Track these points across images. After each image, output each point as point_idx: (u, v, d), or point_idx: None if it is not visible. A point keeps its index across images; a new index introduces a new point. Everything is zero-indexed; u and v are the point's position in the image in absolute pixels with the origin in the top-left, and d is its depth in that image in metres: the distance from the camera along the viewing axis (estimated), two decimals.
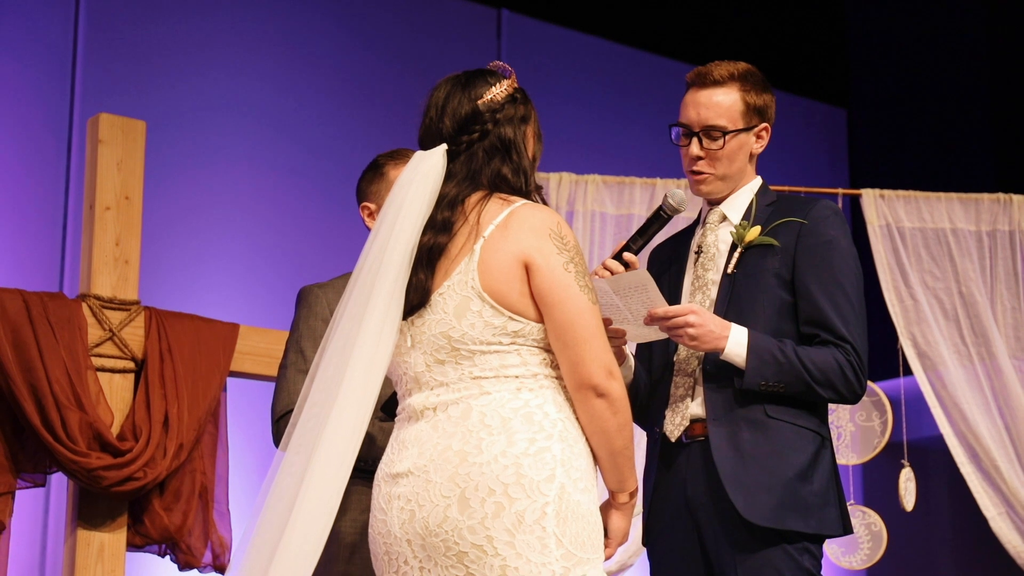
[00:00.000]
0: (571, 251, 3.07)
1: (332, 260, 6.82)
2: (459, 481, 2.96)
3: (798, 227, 3.66)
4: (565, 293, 3.03)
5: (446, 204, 3.12)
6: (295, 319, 4.04)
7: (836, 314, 3.59)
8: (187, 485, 5.06)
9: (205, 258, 6.76)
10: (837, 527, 3.61)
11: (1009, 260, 6.06)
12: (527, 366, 3.05)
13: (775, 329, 3.61)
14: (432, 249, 3.09)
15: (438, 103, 3.21)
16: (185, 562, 5.10)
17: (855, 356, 3.58)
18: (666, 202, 3.70)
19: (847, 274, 3.64)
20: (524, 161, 3.19)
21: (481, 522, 2.93)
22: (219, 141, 6.93)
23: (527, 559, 2.91)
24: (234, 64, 7.05)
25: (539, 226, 3.06)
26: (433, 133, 3.20)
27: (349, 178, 7.28)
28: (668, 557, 3.70)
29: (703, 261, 3.75)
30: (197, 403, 5.05)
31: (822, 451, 3.62)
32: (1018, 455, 5.92)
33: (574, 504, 2.96)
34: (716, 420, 3.59)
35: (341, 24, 7.54)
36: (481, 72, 3.24)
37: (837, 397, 3.59)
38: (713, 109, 3.73)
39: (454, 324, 3.05)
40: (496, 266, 3.04)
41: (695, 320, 3.52)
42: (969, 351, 5.97)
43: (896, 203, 6.02)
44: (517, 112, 3.20)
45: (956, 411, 5.93)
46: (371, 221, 4.13)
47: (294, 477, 3.04)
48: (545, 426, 3.00)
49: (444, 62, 7.82)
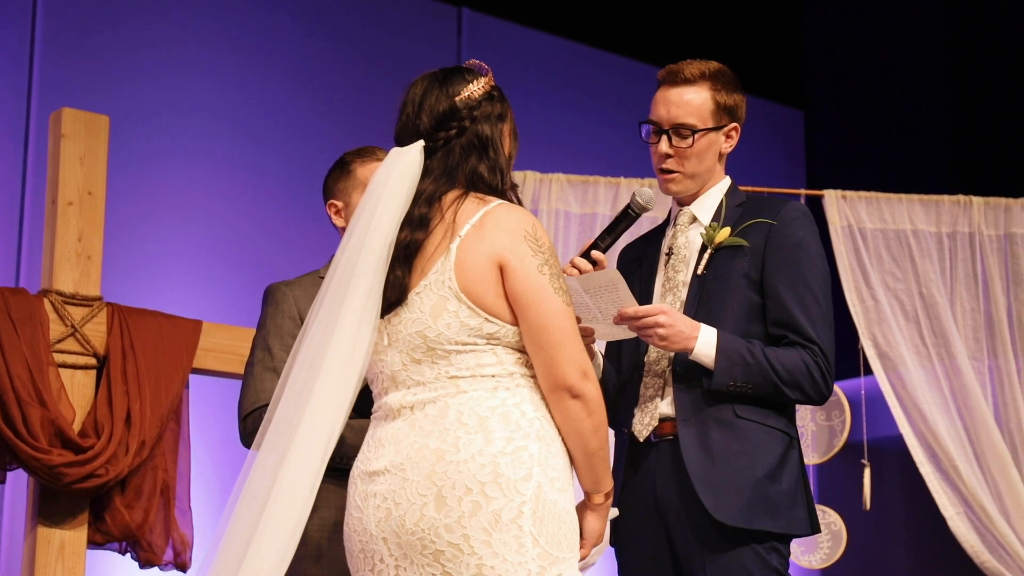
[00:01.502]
0: (546, 253, 3.07)
1: (295, 258, 6.79)
2: (436, 479, 2.96)
3: (767, 228, 3.68)
4: (539, 295, 3.03)
5: (423, 200, 3.12)
6: (262, 317, 4.02)
7: (804, 316, 3.61)
8: (149, 482, 5.03)
9: (168, 254, 6.73)
10: (805, 527, 3.64)
11: (969, 262, 6.11)
12: (503, 365, 3.05)
13: (744, 330, 3.63)
14: (409, 245, 3.09)
15: (415, 99, 3.21)
16: (146, 560, 5.07)
17: (822, 358, 3.61)
18: (634, 200, 3.71)
19: (815, 275, 3.66)
20: (500, 159, 3.20)
21: (458, 521, 2.93)
22: (180, 139, 6.89)
23: (503, 558, 2.91)
24: (194, 62, 7.02)
25: (514, 227, 3.06)
26: (410, 129, 3.19)
27: (311, 176, 7.27)
28: (636, 556, 3.71)
29: (674, 263, 3.77)
30: (160, 400, 5.02)
31: (790, 451, 3.65)
32: (976, 455, 5.97)
33: (550, 503, 2.97)
34: (685, 420, 3.60)
35: (301, 22, 7.52)
36: (458, 69, 3.25)
37: (804, 398, 3.62)
38: (683, 107, 3.74)
39: (430, 324, 3.05)
40: (472, 267, 3.04)
41: (665, 320, 3.53)
42: (929, 352, 6.01)
43: (858, 204, 6.05)
44: (494, 110, 3.21)
45: (916, 411, 5.97)
46: (338, 219, 4.11)
47: (266, 476, 3.03)
48: (522, 425, 3.00)
49: (404, 60, 7.82)
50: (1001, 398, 6.03)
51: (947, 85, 9.37)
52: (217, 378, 5.45)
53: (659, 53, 9.03)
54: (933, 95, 9.42)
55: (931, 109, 9.43)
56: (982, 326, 6.07)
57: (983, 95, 9.12)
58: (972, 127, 9.17)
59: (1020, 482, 5.92)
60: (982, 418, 5.96)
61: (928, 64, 9.47)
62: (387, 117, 7.81)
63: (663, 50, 9.04)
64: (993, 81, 9.05)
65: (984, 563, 5.91)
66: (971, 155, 9.10)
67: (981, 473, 5.94)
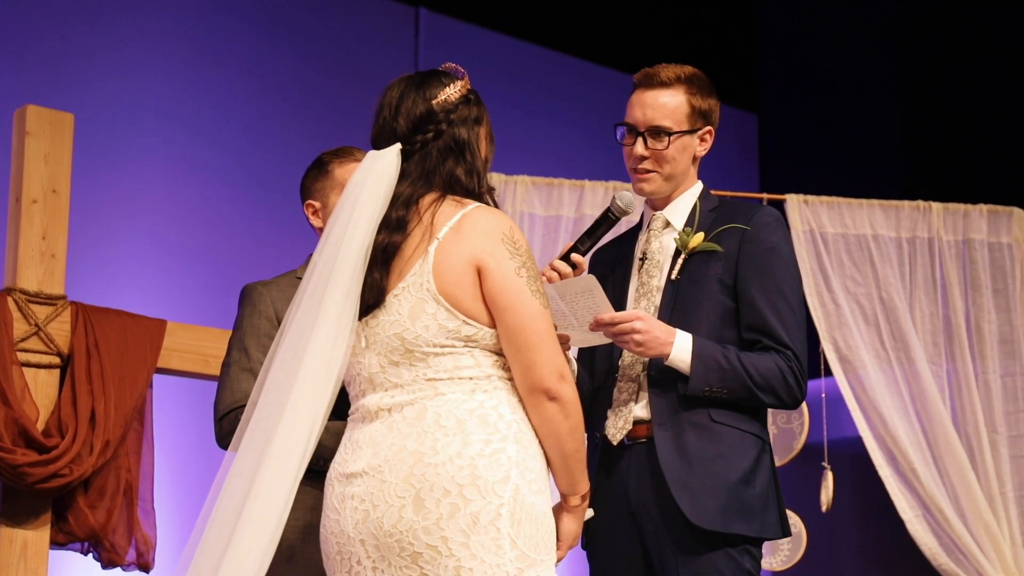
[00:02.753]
0: (523, 255, 3.09)
1: (259, 258, 6.78)
2: (414, 482, 2.96)
3: (741, 233, 3.71)
4: (517, 297, 3.04)
5: (401, 203, 3.13)
6: (238, 317, 4.00)
7: (778, 320, 3.64)
8: (112, 482, 5.00)
9: (132, 253, 6.69)
10: (778, 530, 3.67)
11: (928, 267, 6.17)
12: (481, 367, 3.06)
13: (718, 335, 3.65)
14: (387, 248, 3.10)
15: (391, 103, 3.22)
16: (109, 560, 5.04)
17: (796, 362, 3.64)
18: (614, 204, 3.73)
19: (788, 281, 3.69)
20: (477, 162, 3.21)
21: (436, 523, 2.94)
22: (143, 139, 6.86)
23: (481, 560, 2.92)
24: (151, 63, 6.98)
25: (492, 230, 3.08)
26: (387, 133, 3.20)
27: (272, 176, 7.27)
28: (609, 559, 3.72)
29: (648, 268, 3.79)
30: (124, 399, 4.99)
31: (763, 455, 3.68)
32: (935, 458, 6.02)
33: (528, 506, 2.98)
34: (661, 424, 3.62)
35: (257, 22, 7.49)
36: (435, 73, 3.26)
37: (778, 403, 3.65)
38: (659, 110, 3.77)
39: (408, 326, 3.06)
40: (449, 269, 3.05)
41: (641, 327, 3.55)
42: (888, 355, 6.06)
43: (819, 209, 6.10)
44: (471, 113, 3.22)
45: (875, 414, 6.01)
46: (315, 219, 4.10)
47: (244, 478, 3.02)
48: (500, 427, 3.01)
49: (361, 60, 7.81)
50: (959, 402, 6.10)
51: (900, 90, 9.45)
52: (179, 378, 5.42)
53: (615, 56, 9.11)
54: (886, 100, 9.50)
55: (884, 113, 9.51)
56: (940, 331, 6.13)
57: (936, 101, 9.20)
58: (924, 132, 9.25)
59: (977, 485, 5.98)
60: (940, 421, 6.02)
61: (881, 69, 9.54)
62: (345, 116, 7.83)
63: (619, 53, 9.12)
64: (946, 87, 9.13)
65: (941, 565, 5.96)
66: (923, 160, 9.18)
67: (939, 476, 6.00)
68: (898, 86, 9.47)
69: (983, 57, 8.94)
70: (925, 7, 9.33)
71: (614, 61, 9.08)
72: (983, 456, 6.03)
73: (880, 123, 9.47)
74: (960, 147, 8.94)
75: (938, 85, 9.20)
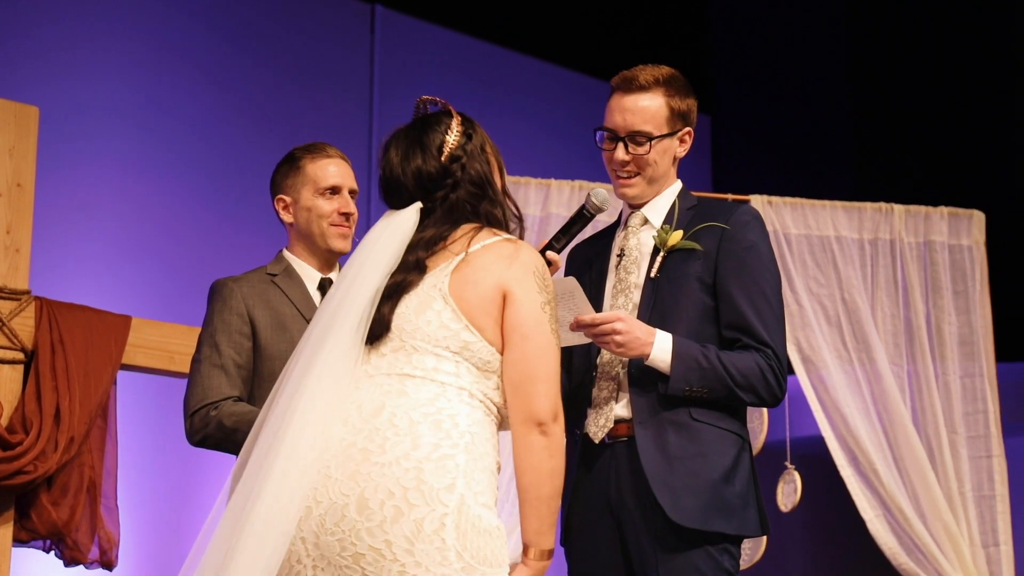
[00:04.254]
0: (549, 294, 3.11)
1: (224, 254, 6.75)
2: (359, 480, 2.91)
3: (720, 232, 3.71)
4: (537, 329, 3.04)
5: (421, 246, 3.11)
6: (209, 313, 3.99)
7: (757, 319, 3.65)
8: (75, 480, 4.97)
9: (97, 249, 6.65)
10: (757, 528, 3.68)
11: (890, 268, 6.20)
12: (459, 378, 3.04)
13: (697, 333, 3.66)
14: (400, 285, 3.09)
15: (394, 163, 3.19)
16: (71, 558, 5.00)
17: (775, 360, 3.65)
18: (589, 201, 3.73)
19: (768, 279, 3.70)
20: (499, 195, 3.22)
21: (379, 525, 2.88)
22: (105, 136, 6.82)
23: (426, 568, 2.87)
24: (108, 62, 6.95)
25: (527, 262, 3.09)
26: (400, 194, 3.19)
27: (236, 172, 7.25)
28: (587, 556, 3.72)
29: (626, 264, 3.78)
30: (89, 396, 4.95)
31: (743, 453, 3.69)
32: (895, 458, 6.06)
33: (474, 518, 2.93)
34: (642, 423, 3.62)
35: (215, 18, 7.46)
36: (427, 120, 3.23)
37: (758, 401, 3.66)
38: (639, 114, 3.76)
39: (411, 318, 3.06)
40: (474, 281, 3.06)
41: (622, 327, 3.56)
42: (850, 356, 6.09)
43: (783, 210, 6.13)
44: (475, 145, 3.20)
45: (837, 415, 6.05)
46: (285, 214, 4.09)
47: (255, 485, 2.95)
48: (452, 435, 2.97)
49: (317, 57, 7.81)
50: (919, 402, 6.14)
51: (852, 93, 9.51)
52: (142, 374, 5.39)
53: (569, 56, 9.14)
54: (838, 101, 9.56)
55: (835, 116, 9.57)
56: (902, 332, 6.17)
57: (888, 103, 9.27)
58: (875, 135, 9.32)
59: (936, 485, 6.02)
60: (900, 422, 6.06)
61: (834, 71, 9.61)
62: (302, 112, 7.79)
63: (573, 54, 9.15)
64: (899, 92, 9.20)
65: (901, 565, 6.00)
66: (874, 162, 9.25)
67: (899, 476, 6.03)
68: (851, 89, 9.54)
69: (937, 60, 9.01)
70: (877, 9, 9.40)
71: (569, 61, 9.11)
72: (943, 456, 6.07)
73: (833, 124, 9.54)
74: (914, 150, 9.01)
75: (890, 89, 9.26)
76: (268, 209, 4.21)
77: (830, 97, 9.57)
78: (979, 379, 6.20)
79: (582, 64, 9.18)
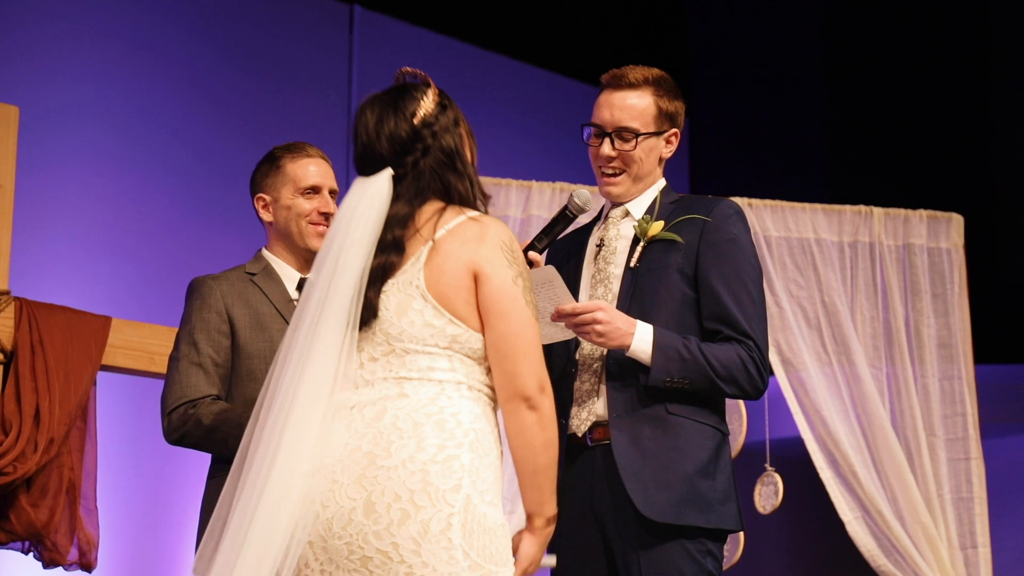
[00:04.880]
0: (520, 266, 3.10)
1: (203, 253, 6.74)
2: (366, 484, 2.95)
3: (701, 224, 3.73)
4: (511, 305, 3.05)
5: (396, 223, 3.11)
6: (187, 311, 3.98)
7: (739, 310, 3.66)
8: (54, 481, 4.95)
9: (76, 250, 6.64)
10: (736, 522, 3.68)
11: (869, 271, 6.21)
12: (455, 372, 3.06)
13: (678, 323, 3.66)
14: (385, 268, 3.09)
15: (368, 127, 3.18)
16: (50, 559, 4.98)
17: (757, 352, 3.66)
18: (572, 201, 3.74)
19: (749, 272, 3.72)
20: (468, 169, 3.21)
21: (387, 528, 2.91)
22: (84, 136, 6.81)
23: (433, 568, 2.90)
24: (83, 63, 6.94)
25: (492, 238, 3.08)
26: (372, 158, 3.17)
27: (215, 171, 7.24)
28: (571, 556, 3.72)
29: (605, 255, 3.80)
30: (69, 397, 4.94)
31: (723, 447, 3.70)
32: (874, 461, 6.06)
33: (480, 516, 2.96)
34: (618, 418, 3.63)
35: (193, 18, 7.45)
36: (404, 88, 3.23)
37: (740, 392, 3.66)
38: (627, 111, 3.79)
39: (394, 321, 3.06)
40: (444, 270, 3.06)
41: (603, 317, 3.56)
42: (830, 358, 6.10)
43: (763, 212, 6.13)
44: (449, 118, 3.21)
45: (817, 417, 6.05)
46: (265, 213, 4.10)
47: (257, 485, 2.96)
48: (456, 434, 3.00)
49: (295, 57, 7.80)
50: (898, 405, 6.14)
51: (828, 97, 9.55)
52: (121, 375, 5.38)
53: (546, 57, 9.15)
54: (815, 105, 9.60)
55: (811, 120, 9.61)
56: (881, 334, 6.18)
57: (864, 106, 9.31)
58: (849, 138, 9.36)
59: (915, 487, 6.03)
60: (880, 424, 6.06)
61: (811, 75, 9.65)
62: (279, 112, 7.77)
63: (550, 54, 9.16)
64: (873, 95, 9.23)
65: (880, 567, 6.01)
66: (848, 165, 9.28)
67: (878, 478, 6.04)
68: (828, 93, 9.57)
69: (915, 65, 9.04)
70: (855, 13, 9.44)
71: (546, 62, 9.12)
72: (921, 459, 6.08)
73: (810, 128, 9.57)
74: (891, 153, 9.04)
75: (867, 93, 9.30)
76: (247, 209, 4.21)
77: (807, 101, 9.60)
78: (958, 382, 6.21)
79: (561, 66, 9.20)
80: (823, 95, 9.51)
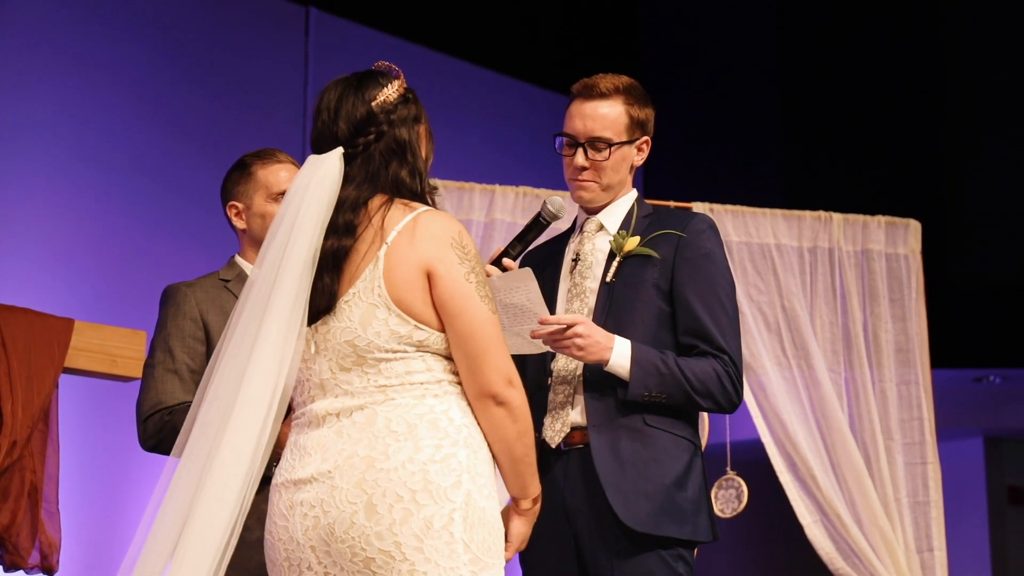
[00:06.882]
0: (472, 260, 3.10)
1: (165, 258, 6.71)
2: (366, 487, 2.97)
3: (676, 239, 3.77)
4: (466, 303, 3.06)
5: (348, 207, 3.11)
6: (162, 317, 3.98)
7: (714, 325, 3.70)
8: (16, 484, 4.90)
9: (37, 252, 6.59)
10: (708, 533, 3.72)
11: (828, 276, 6.26)
12: (432, 372, 3.07)
13: (653, 338, 3.70)
14: (337, 252, 3.09)
15: (329, 106, 3.19)
16: (11, 563, 4.94)
17: (732, 367, 3.70)
18: (545, 208, 3.77)
19: (723, 287, 3.76)
20: (419, 163, 3.21)
21: (389, 528, 2.94)
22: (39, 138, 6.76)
23: (436, 563, 2.94)
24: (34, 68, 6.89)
25: (441, 235, 3.08)
26: (327, 136, 3.18)
27: (169, 178, 7.20)
28: (543, 562, 3.74)
29: (581, 269, 3.82)
30: (31, 399, 4.89)
31: (695, 459, 3.73)
32: (833, 464, 6.11)
33: (479, 511, 3.01)
34: (597, 427, 3.65)
35: (144, 20, 7.41)
36: (371, 73, 3.24)
37: (715, 407, 3.71)
38: (599, 121, 3.81)
39: (360, 333, 3.06)
40: (400, 274, 3.05)
41: (583, 331, 3.59)
42: (790, 362, 6.14)
43: (724, 217, 6.17)
44: (410, 112, 3.21)
45: (776, 420, 6.09)
46: (238, 220, 4.10)
47: (189, 487, 2.98)
48: (451, 432, 3.03)
49: (251, 60, 7.76)
50: (856, 409, 6.20)
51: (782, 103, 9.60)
52: (82, 378, 5.34)
53: (501, 61, 9.15)
54: (770, 111, 9.65)
55: (765, 126, 9.66)
56: (840, 339, 6.23)
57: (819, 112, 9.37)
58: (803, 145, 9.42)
59: (873, 491, 6.08)
60: (838, 428, 6.11)
61: (763, 81, 9.70)
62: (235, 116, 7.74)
63: (505, 57, 9.16)
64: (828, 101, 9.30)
65: (838, 569, 6.06)
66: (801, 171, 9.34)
67: (837, 482, 6.09)
68: (783, 99, 9.62)
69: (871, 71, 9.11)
70: (809, 17, 9.50)
71: (501, 66, 9.13)
72: (879, 463, 6.14)
73: (765, 133, 9.62)
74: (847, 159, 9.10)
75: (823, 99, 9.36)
76: (201, 214, 4.21)
77: (763, 105, 9.66)
78: (915, 386, 6.27)
79: (518, 70, 9.21)
80: (779, 100, 9.57)
